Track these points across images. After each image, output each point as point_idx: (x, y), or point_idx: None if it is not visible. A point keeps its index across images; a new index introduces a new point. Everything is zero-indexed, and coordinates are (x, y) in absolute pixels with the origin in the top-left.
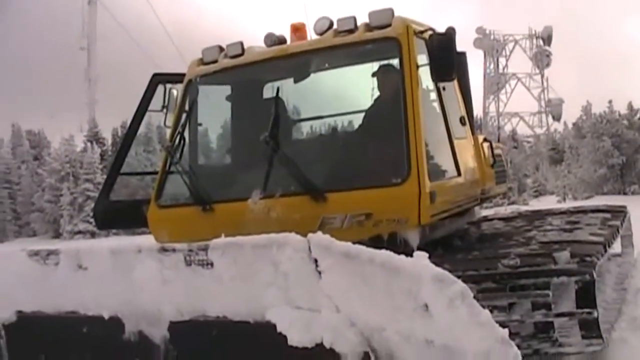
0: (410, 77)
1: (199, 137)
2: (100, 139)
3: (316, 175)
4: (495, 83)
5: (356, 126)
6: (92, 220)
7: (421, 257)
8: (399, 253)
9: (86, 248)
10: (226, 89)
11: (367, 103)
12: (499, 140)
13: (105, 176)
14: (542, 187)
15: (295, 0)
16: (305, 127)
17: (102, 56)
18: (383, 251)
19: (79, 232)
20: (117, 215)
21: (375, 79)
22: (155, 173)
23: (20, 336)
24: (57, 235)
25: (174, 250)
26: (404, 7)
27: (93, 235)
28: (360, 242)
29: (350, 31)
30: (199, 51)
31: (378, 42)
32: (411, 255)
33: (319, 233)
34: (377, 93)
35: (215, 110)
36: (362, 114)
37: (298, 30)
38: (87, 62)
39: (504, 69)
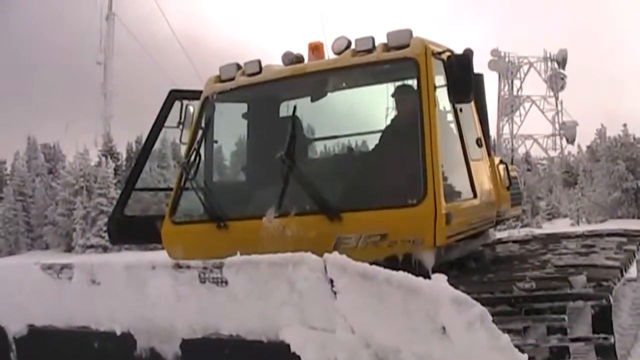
0: (427, 97)
1: (214, 154)
2: (115, 153)
3: (332, 195)
4: (510, 105)
5: (372, 146)
6: (104, 234)
7: (440, 279)
8: (414, 274)
9: (100, 262)
10: (243, 107)
11: (384, 123)
12: (512, 163)
13: (119, 191)
14: (555, 210)
15: (313, 19)
16: (322, 146)
17: (118, 71)
18: (400, 272)
19: (91, 246)
20: (131, 230)
21: (392, 99)
22: (170, 189)
23: (31, 350)
24: (69, 249)
25: (188, 267)
26: (416, 27)
27: (105, 249)
28: (375, 263)
29: (368, 51)
30: (214, 67)
31: (396, 63)
32: (426, 277)
33: (335, 253)
34: (394, 113)
35: (231, 127)
36: (379, 134)
37: (316, 49)
38: (103, 77)
39: (518, 91)
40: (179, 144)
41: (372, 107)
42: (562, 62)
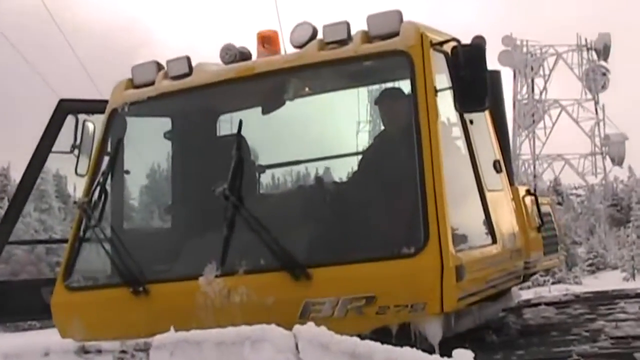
0: (426, 105)
1: (126, 190)
2: None
3: (295, 244)
4: (530, 114)
5: (351, 175)
6: None
7: (463, 356)
8: None
9: None
10: (166, 123)
11: (366, 142)
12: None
13: None
14: (599, 260)
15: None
16: (279, 177)
17: None
18: (406, 349)
19: None
20: (4, 300)
21: (377, 108)
22: (59, 241)
23: None
24: None
25: (99, 350)
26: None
27: None
28: (360, 337)
29: (342, 42)
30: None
31: (382, 58)
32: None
33: (310, 324)
34: (380, 128)
35: (150, 151)
36: (359, 158)
37: (268, 40)
38: None
39: (541, 93)
40: (65, 177)
41: (349, 120)
42: (603, 51)
